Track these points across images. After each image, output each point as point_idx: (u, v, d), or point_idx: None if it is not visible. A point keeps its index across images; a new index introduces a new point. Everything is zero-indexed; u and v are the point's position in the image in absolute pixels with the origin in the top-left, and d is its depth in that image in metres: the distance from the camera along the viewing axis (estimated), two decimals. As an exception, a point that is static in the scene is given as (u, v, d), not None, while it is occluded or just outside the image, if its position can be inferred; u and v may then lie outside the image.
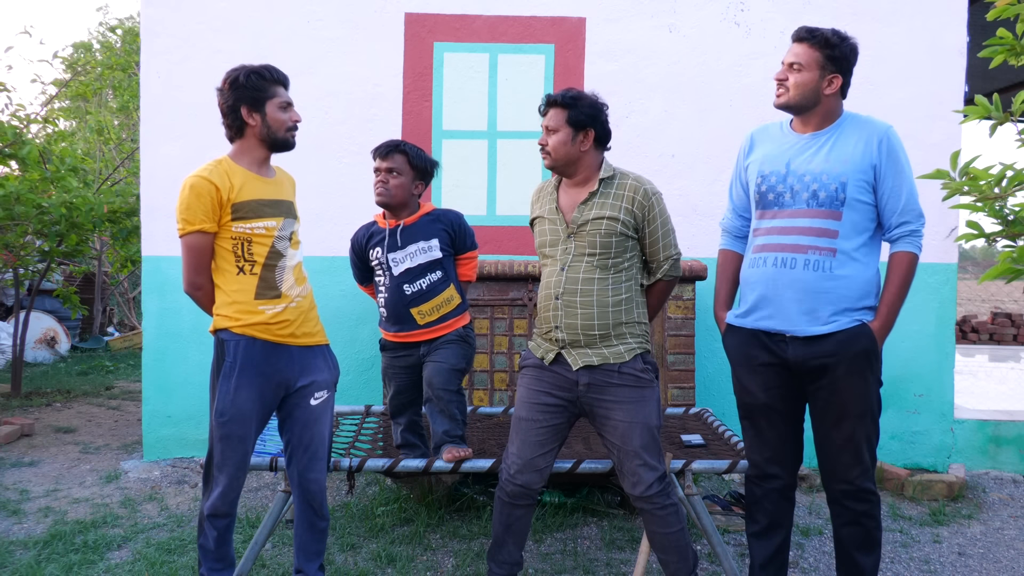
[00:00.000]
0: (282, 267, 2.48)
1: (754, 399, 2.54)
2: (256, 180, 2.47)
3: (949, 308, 4.62)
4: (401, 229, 2.94)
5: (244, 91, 2.43)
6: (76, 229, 6.01)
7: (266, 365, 2.44)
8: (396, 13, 4.58)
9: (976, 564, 3.33)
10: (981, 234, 2.21)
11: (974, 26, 4.83)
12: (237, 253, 2.41)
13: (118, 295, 11.01)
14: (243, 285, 2.42)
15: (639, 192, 2.50)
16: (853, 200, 2.39)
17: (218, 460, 2.43)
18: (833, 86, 2.44)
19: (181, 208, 2.37)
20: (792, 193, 2.44)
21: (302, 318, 2.52)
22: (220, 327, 2.44)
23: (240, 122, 2.45)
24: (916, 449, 4.64)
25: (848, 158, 2.40)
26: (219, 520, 2.46)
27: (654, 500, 2.47)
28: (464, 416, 2.98)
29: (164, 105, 4.54)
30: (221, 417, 2.40)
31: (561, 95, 2.50)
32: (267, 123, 2.45)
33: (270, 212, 2.46)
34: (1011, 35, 2.29)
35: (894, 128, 2.45)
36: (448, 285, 2.96)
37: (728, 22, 4.63)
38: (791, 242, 2.44)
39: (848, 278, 2.39)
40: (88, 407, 6.18)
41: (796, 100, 2.45)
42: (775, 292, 2.45)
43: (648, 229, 2.52)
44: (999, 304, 17.67)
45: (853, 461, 2.43)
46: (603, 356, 2.48)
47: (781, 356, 2.46)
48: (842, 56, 2.43)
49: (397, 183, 2.90)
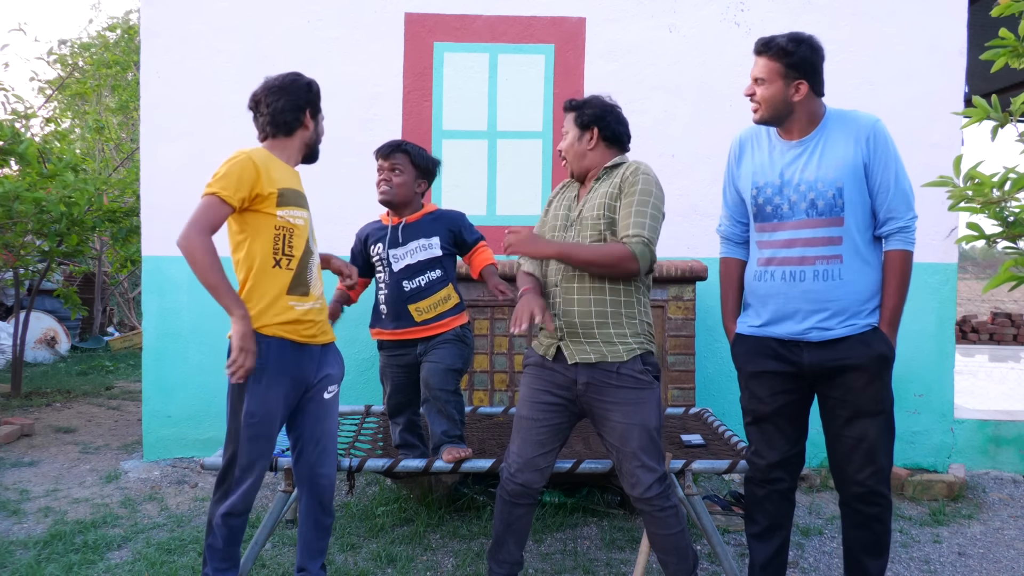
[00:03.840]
0: (312, 263, 2.53)
1: (764, 406, 2.53)
2: (290, 171, 2.54)
3: (949, 308, 4.62)
4: (403, 226, 2.99)
5: (312, 96, 2.55)
6: (76, 227, 6.01)
7: (293, 366, 2.46)
8: (396, 13, 4.58)
9: (976, 564, 3.33)
10: (982, 235, 2.22)
11: (974, 26, 4.83)
12: (278, 245, 2.42)
13: (118, 295, 11.01)
14: (277, 279, 2.43)
15: (629, 169, 2.51)
16: (852, 203, 2.37)
17: (244, 461, 2.42)
18: (800, 92, 2.38)
19: (218, 172, 2.38)
20: (790, 204, 2.43)
21: (323, 317, 2.57)
22: None
23: (298, 123, 2.52)
24: (916, 449, 4.64)
25: (840, 161, 2.37)
26: (234, 519, 2.45)
27: (653, 501, 2.47)
28: (462, 416, 2.99)
29: (164, 105, 4.54)
30: (251, 418, 2.40)
31: (572, 101, 2.62)
32: (318, 131, 2.60)
33: (304, 203, 2.53)
34: (1013, 36, 2.29)
35: (881, 121, 2.39)
36: (446, 284, 2.99)
37: (728, 22, 4.63)
38: (797, 255, 2.43)
39: (858, 280, 2.39)
40: (88, 407, 6.18)
41: (768, 114, 2.43)
42: (787, 304, 2.44)
43: (624, 201, 2.46)
44: (999, 304, 17.68)
45: (864, 462, 2.41)
46: (601, 354, 2.47)
47: (794, 362, 2.45)
48: (802, 60, 2.36)
49: (400, 181, 2.95)
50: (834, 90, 4.57)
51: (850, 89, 4.59)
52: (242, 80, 4.51)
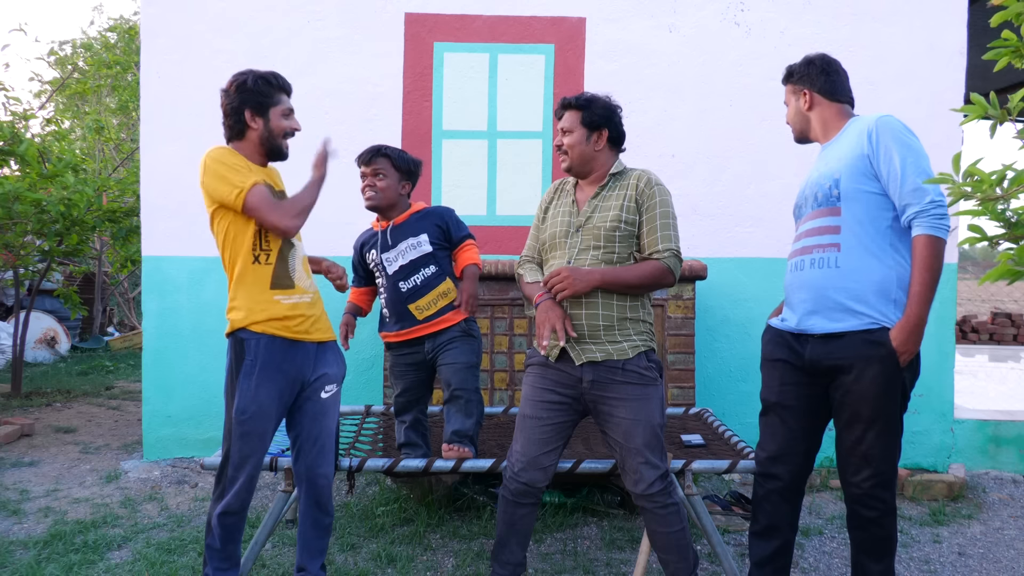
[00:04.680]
0: (293, 257, 2.52)
1: (770, 394, 2.57)
2: (263, 169, 2.53)
3: (949, 308, 4.62)
4: (391, 229, 3.03)
5: (250, 95, 2.47)
6: (76, 227, 6.01)
7: (285, 362, 2.47)
8: (396, 13, 4.58)
9: (976, 564, 3.33)
10: (984, 237, 2.21)
11: (974, 26, 4.84)
12: (255, 241, 2.44)
13: (118, 295, 11.01)
14: (259, 275, 2.45)
15: (642, 180, 2.54)
16: (850, 192, 2.37)
17: (236, 459, 2.44)
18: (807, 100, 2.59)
19: (220, 174, 2.36)
20: (805, 201, 2.54)
21: (317, 313, 2.57)
22: (239, 326, 2.45)
23: (242, 125, 2.49)
24: (916, 449, 4.64)
25: (841, 155, 2.43)
26: (229, 518, 2.46)
27: (655, 499, 2.47)
28: (480, 418, 3.02)
29: (164, 105, 4.54)
30: (242, 415, 2.41)
31: (575, 97, 2.58)
32: (269, 128, 2.50)
33: (281, 198, 2.51)
34: (1016, 37, 2.29)
35: (891, 116, 2.39)
36: (443, 279, 3.01)
37: (728, 22, 4.63)
38: (801, 245, 2.52)
39: (857, 271, 2.35)
40: (88, 407, 6.18)
41: (794, 132, 2.67)
42: (793, 294, 2.53)
43: (646, 216, 2.51)
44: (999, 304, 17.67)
45: (861, 465, 2.40)
46: (607, 352, 2.48)
47: (801, 354, 2.47)
48: (802, 74, 2.60)
49: (384, 185, 2.99)
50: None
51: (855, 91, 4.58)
52: (242, 80, 4.52)
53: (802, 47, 4.49)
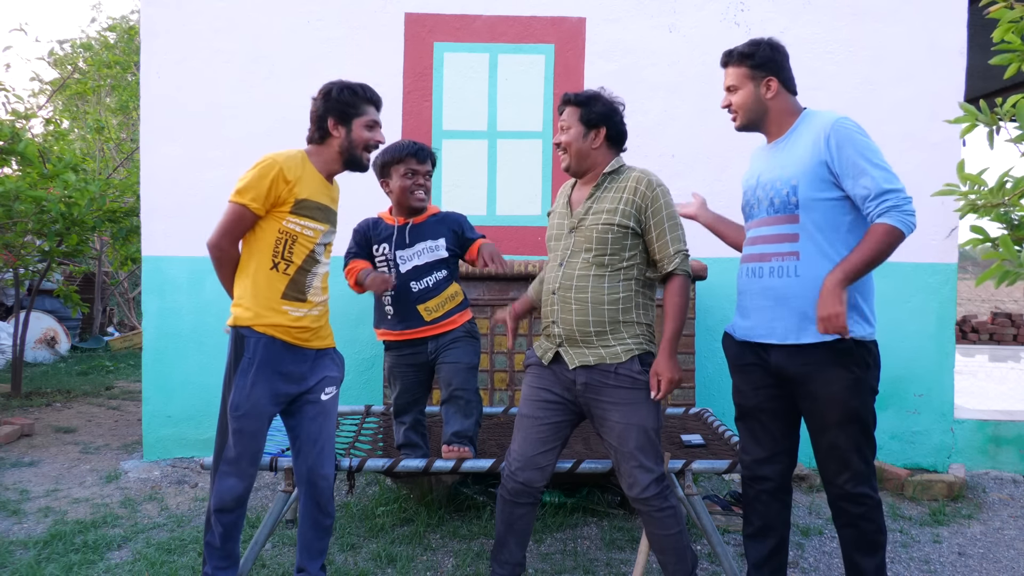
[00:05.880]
0: (314, 274, 2.53)
1: (745, 399, 2.56)
2: (322, 183, 2.54)
3: (949, 308, 4.62)
4: (411, 227, 3.01)
5: (334, 104, 2.50)
6: (76, 227, 6.01)
7: (282, 364, 2.48)
8: (396, 13, 4.58)
9: (976, 564, 3.33)
10: (987, 239, 2.21)
11: (974, 26, 4.83)
12: (277, 249, 2.44)
13: (118, 295, 11.01)
14: (272, 281, 2.46)
15: (642, 183, 2.49)
16: (809, 200, 2.34)
17: (228, 454, 2.46)
18: (772, 89, 2.46)
19: (243, 178, 2.41)
20: (758, 203, 2.49)
21: (321, 324, 2.58)
22: (241, 323, 2.46)
23: (324, 131, 2.52)
24: (916, 449, 4.64)
25: (797, 160, 2.38)
26: (225, 515, 2.47)
27: (650, 502, 2.47)
28: (479, 418, 3.01)
29: (164, 105, 4.53)
30: (236, 411, 2.43)
31: (577, 94, 2.56)
32: (350, 138, 2.52)
33: (321, 217, 2.51)
34: (1019, 41, 2.29)
35: (845, 118, 2.33)
36: (451, 282, 3.03)
37: (728, 22, 4.63)
38: (757, 251, 2.48)
39: (817, 279, 2.32)
40: (88, 407, 6.18)
41: (745, 119, 2.52)
42: (750, 301, 2.49)
43: (653, 221, 2.48)
44: (999, 304, 17.68)
45: (840, 468, 2.41)
46: (599, 356, 2.48)
47: (767, 360, 2.47)
48: (766, 59, 2.46)
49: (429, 186, 3.01)
50: (834, 90, 4.61)
51: (850, 89, 4.59)
52: (242, 80, 4.52)
53: (802, 47, 4.50)
